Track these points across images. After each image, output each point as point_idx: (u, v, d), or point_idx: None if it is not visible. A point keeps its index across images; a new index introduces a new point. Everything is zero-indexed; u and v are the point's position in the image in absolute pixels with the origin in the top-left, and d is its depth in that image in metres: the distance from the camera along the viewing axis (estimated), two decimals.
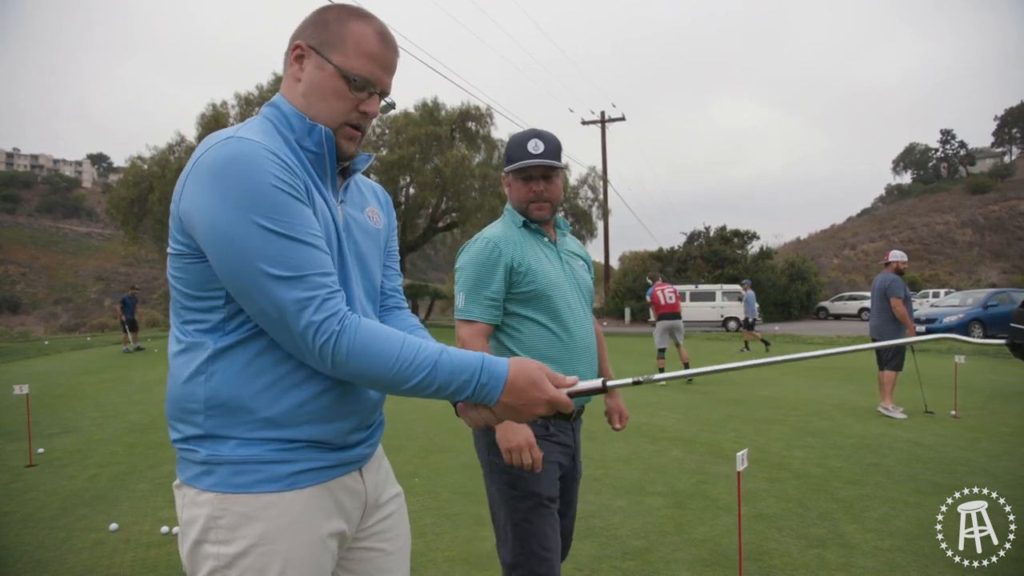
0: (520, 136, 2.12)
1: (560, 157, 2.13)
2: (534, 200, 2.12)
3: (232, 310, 1.17)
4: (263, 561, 1.15)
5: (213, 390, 1.17)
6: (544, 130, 2.14)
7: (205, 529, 1.16)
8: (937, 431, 6.19)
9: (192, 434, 1.19)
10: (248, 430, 1.17)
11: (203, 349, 1.18)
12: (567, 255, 2.23)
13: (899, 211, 70.00)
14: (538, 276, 2.08)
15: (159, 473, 5.07)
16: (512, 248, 2.08)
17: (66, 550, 3.56)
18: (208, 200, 1.09)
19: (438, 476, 4.84)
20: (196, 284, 1.17)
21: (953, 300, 20.49)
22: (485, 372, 1.16)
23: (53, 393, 9.55)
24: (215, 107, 24.69)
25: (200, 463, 1.18)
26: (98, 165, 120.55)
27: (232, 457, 1.16)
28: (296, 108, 1.24)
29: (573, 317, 2.11)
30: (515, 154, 2.11)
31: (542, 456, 1.90)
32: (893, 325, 6.95)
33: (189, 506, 1.19)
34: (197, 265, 1.15)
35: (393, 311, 1.48)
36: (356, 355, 1.11)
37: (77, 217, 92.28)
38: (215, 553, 1.15)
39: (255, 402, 1.16)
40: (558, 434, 2.11)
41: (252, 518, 1.15)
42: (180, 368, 1.21)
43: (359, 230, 1.34)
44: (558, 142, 2.13)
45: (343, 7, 1.27)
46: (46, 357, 16.76)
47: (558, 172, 2.15)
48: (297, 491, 1.18)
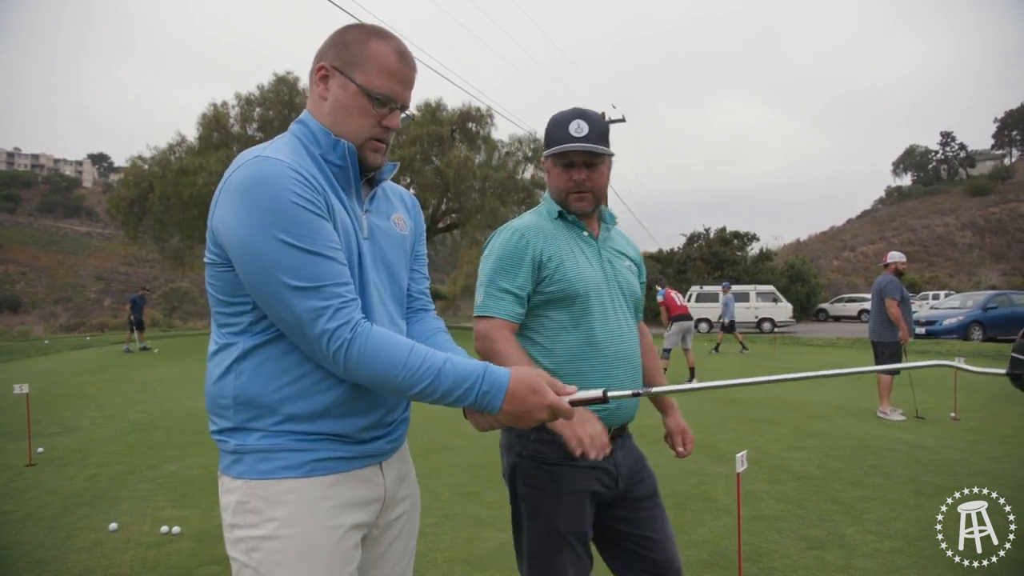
0: (562, 116, 1.85)
1: (607, 141, 1.85)
2: (574, 190, 1.85)
3: (259, 314, 1.26)
4: (286, 544, 1.23)
5: (241, 387, 1.26)
6: (590, 110, 1.86)
7: (236, 513, 1.26)
8: (937, 433, 6.19)
9: (225, 427, 1.29)
10: (272, 423, 1.26)
11: (234, 349, 1.28)
12: (611, 253, 1.95)
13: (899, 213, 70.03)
14: (569, 275, 1.83)
15: (159, 473, 5.07)
16: (542, 240, 1.84)
17: (66, 550, 3.56)
18: (235, 216, 1.19)
19: (438, 476, 4.84)
20: (228, 291, 1.27)
21: (953, 302, 20.50)
22: (487, 381, 1.23)
23: (53, 392, 9.55)
24: (216, 107, 24.70)
25: (231, 452, 1.28)
26: (98, 165, 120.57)
27: (257, 446, 1.26)
28: (323, 125, 1.32)
29: (608, 323, 1.85)
30: (555, 136, 1.84)
31: (602, 448, 1.56)
32: (890, 327, 6.97)
33: (225, 493, 1.30)
34: (228, 274, 1.25)
35: (419, 313, 1.55)
36: (366, 361, 1.19)
37: (77, 217, 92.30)
38: (245, 536, 1.25)
39: (277, 398, 1.25)
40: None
41: (275, 502, 1.24)
42: (215, 367, 1.31)
43: (384, 237, 1.41)
44: (605, 124, 1.85)
45: (362, 27, 1.34)
46: (46, 356, 16.76)
47: (604, 159, 1.86)
48: (316, 478, 1.26)
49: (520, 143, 27.27)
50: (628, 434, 1.96)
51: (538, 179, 27.38)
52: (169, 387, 10.05)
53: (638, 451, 1.97)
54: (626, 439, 1.93)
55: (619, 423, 1.87)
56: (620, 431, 1.89)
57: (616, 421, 1.86)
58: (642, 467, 1.93)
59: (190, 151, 24.22)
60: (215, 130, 24.28)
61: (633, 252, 2.06)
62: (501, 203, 25.35)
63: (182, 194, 21.65)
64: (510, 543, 3.58)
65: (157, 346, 18.57)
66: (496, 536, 3.69)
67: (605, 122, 1.86)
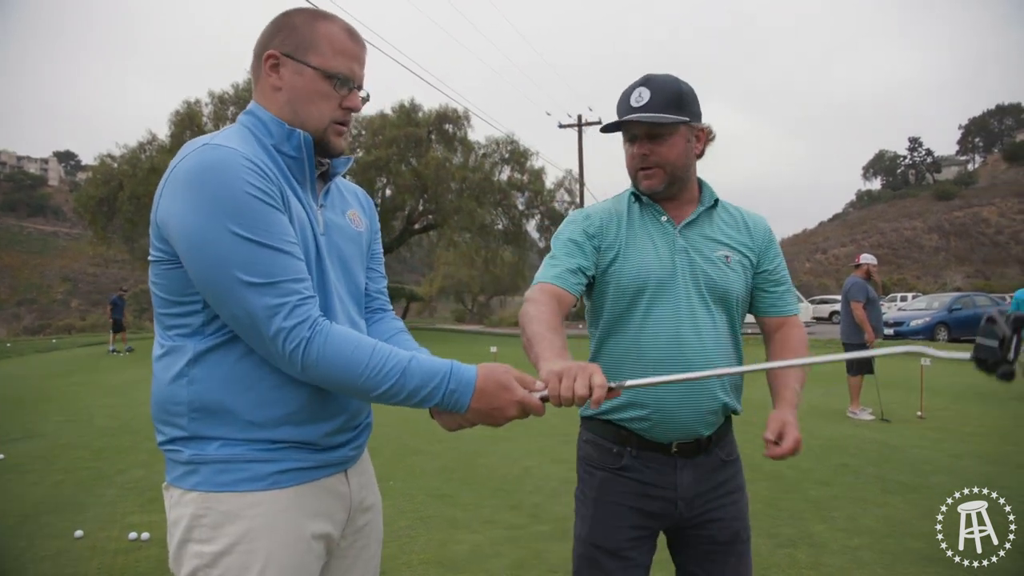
0: (627, 88, 1.64)
1: (681, 108, 1.58)
2: (640, 166, 1.63)
3: (210, 314, 1.18)
4: (244, 560, 1.16)
5: (195, 393, 1.18)
6: (661, 75, 1.62)
7: (189, 528, 1.17)
8: (904, 432, 6.33)
9: (177, 436, 1.20)
10: (232, 431, 1.18)
11: (184, 353, 1.19)
12: (697, 241, 1.64)
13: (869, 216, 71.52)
14: (627, 264, 1.62)
15: (128, 478, 4.97)
16: (607, 222, 1.66)
17: (26, 559, 3.47)
18: (183, 207, 1.11)
19: (413, 479, 4.81)
20: (175, 290, 1.18)
21: (920, 304, 21.10)
22: (454, 378, 1.17)
23: (15, 397, 9.31)
24: (189, 105, 24.29)
25: (185, 463, 1.19)
26: (65, 163, 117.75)
27: (216, 456, 1.17)
28: (275, 116, 1.25)
29: (669, 323, 1.59)
30: (617, 110, 1.64)
31: (601, 387, 1.19)
32: (856, 328, 7.12)
33: (175, 506, 1.21)
34: (175, 271, 1.17)
35: (378, 313, 1.50)
36: (326, 361, 1.13)
37: (43, 216, 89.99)
38: (198, 552, 1.17)
39: (237, 404, 1.18)
40: (641, 469, 1.60)
41: (235, 516, 1.16)
42: (163, 371, 1.22)
43: (340, 234, 1.35)
44: (677, 88, 1.59)
45: (304, 11, 1.29)
46: (8, 360, 16.31)
47: (676, 129, 1.59)
48: (279, 490, 1.19)
49: (497, 145, 27.28)
50: (713, 454, 1.64)
51: (515, 181, 27.41)
52: (138, 390, 9.85)
53: (731, 483, 1.65)
54: (701, 460, 1.62)
55: (677, 438, 1.59)
56: (688, 449, 1.60)
57: (669, 436, 1.59)
58: (725, 504, 1.64)
59: (161, 150, 23.76)
60: (188, 128, 23.88)
61: (742, 237, 1.69)
62: (478, 204, 25.29)
63: (153, 193, 21.28)
64: (485, 545, 3.60)
65: (121, 348, 18.22)
66: (471, 538, 3.68)
67: (676, 87, 1.60)
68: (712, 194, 1.70)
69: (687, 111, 1.60)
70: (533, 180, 27.34)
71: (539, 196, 27.38)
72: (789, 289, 1.74)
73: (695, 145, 1.65)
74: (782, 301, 1.71)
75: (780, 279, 1.72)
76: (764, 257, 1.70)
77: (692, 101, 1.62)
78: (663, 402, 1.58)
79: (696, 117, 1.63)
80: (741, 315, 1.69)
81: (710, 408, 1.60)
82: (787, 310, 1.71)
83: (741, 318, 1.70)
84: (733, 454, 1.70)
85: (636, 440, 1.61)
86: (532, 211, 27.77)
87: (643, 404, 1.58)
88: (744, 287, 1.67)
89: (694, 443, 1.60)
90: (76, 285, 66.40)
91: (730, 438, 1.72)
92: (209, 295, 1.14)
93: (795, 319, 1.73)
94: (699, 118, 1.65)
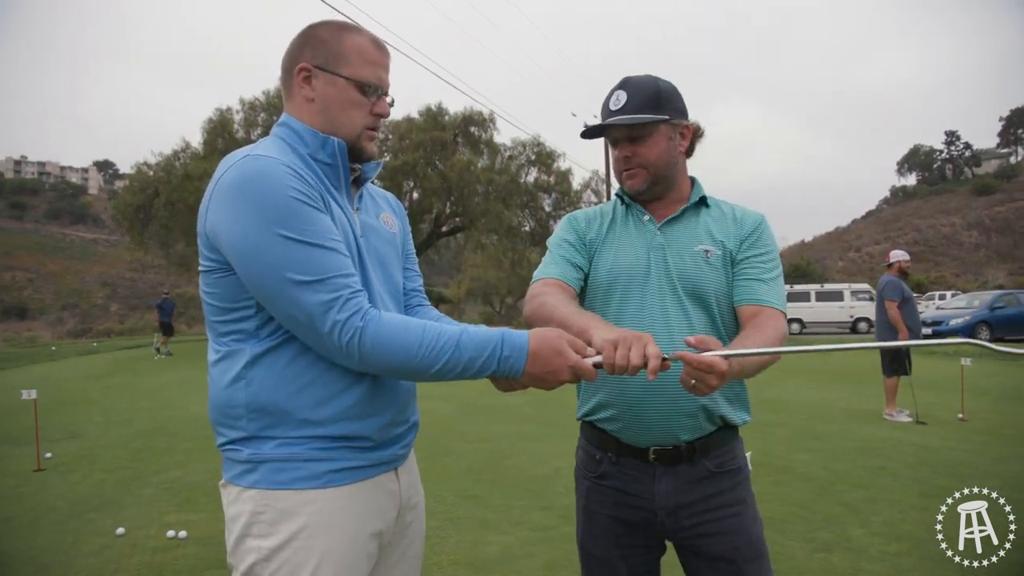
0: (609, 92, 1.63)
1: (660, 106, 1.56)
2: (623, 168, 1.62)
3: (264, 318, 1.23)
4: (301, 555, 1.20)
5: (253, 395, 1.22)
6: (638, 76, 1.61)
7: (248, 524, 1.22)
8: (944, 434, 6.16)
9: (237, 437, 1.25)
10: (288, 430, 1.22)
11: (240, 356, 1.24)
12: (677, 238, 1.61)
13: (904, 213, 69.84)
14: (600, 262, 1.65)
15: (164, 479, 5.09)
16: (591, 222, 1.70)
17: (73, 554, 3.58)
18: (232, 217, 1.17)
19: (443, 480, 4.84)
20: (228, 297, 1.24)
21: (959, 302, 20.39)
22: (507, 345, 1.21)
23: (60, 398, 9.59)
24: (221, 112, 24.80)
25: (243, 462, 1.24)
26: (104, 172, 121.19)
27: (273, 455, 1.22)
28: (308, 125, 1.31)
29: (637, 321, 1.56)
30: (601, 114, 1.65)
31: (656, 357, 1.21)
32: (891, 328, 6.92)
33: (233, 503, 1.25)
34: (227, 279, 1.22)
35: (416, 309, 1.54)
36: (381, 347, 1.17)
37: (83, 223, 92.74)
38: (256, 547, 1.21)
39: (292, 403, 1.22)
40: (619, 477, 1.59)
41: (292, 513, 1.21)
42: (220, 375, 1.27)
43: (376, 236, 1.40)
44: (655, 88, 1.58)
45: (329, 24, 1.34)
46: (53, 362, 16.84)
47: (655, 128, 1.56)
48: (335, 488, 1.24)
49: (524, 147, 27.32)
50: (699, 464, 1.56)
51: (541, 182, 27.41)
52: (173, 393, 10.08)
53: (725, 496, 1.57)
54: (683, 469, 1.55)
55: (652, 442, 1.55)
56: (667, 456, 1.55)
57: (643, 439, 1.55)
58: (720, 518, 1.55)
59: (194, 157, 24.31)
60: (220, 135, 24.37)
61: (728, 230, 1.62)
62: (505, 206, 25.36)
63: (188, 199, 21.74)
64: (516, 546, 3.60)
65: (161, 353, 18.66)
66: (501, 539, 3.69)
67: (655, 86, 1.58)
68: (699, 191, 1.67)
69: (666, 109, 1.58)
70: (560, 181, 27.33)
71: (566, 197, 27.34)
72: (771, 282, 1.58)
73: (679, 143, 1.63)
74: (759, 291, 1.56)
75: (761, 271, 1.58)
76: (744, 244, 1.61)
77: (672, 98, 1.60)
78: (627, 398, 1.54)
79: (678, 114, 1.60)
80: (726, 313, 1.61)
81: (685, 410, 1.52)
82: (764, 300, 1.55)
83: (729, 317, 1.61)
84: (728, 465, 1.59)
85: (615, 444, 1.60)
86: (559, 212, 27.75)
87: (612, 403, 1.58)
88: (723, 282, 1.59)
89: (673, 450, 1.55)
90: (115, 290, 68.25)
91: (726, 449, 1.60)
92: (263, 298, 1.19)
93: (772, 311, 1.54)
94: (682, 115, 1.62)
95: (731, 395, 1.61)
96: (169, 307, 18.16)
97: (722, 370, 1.24)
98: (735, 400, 1.62)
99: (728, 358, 1.26)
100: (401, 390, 1.35)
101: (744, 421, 1.64)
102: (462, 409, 7.86)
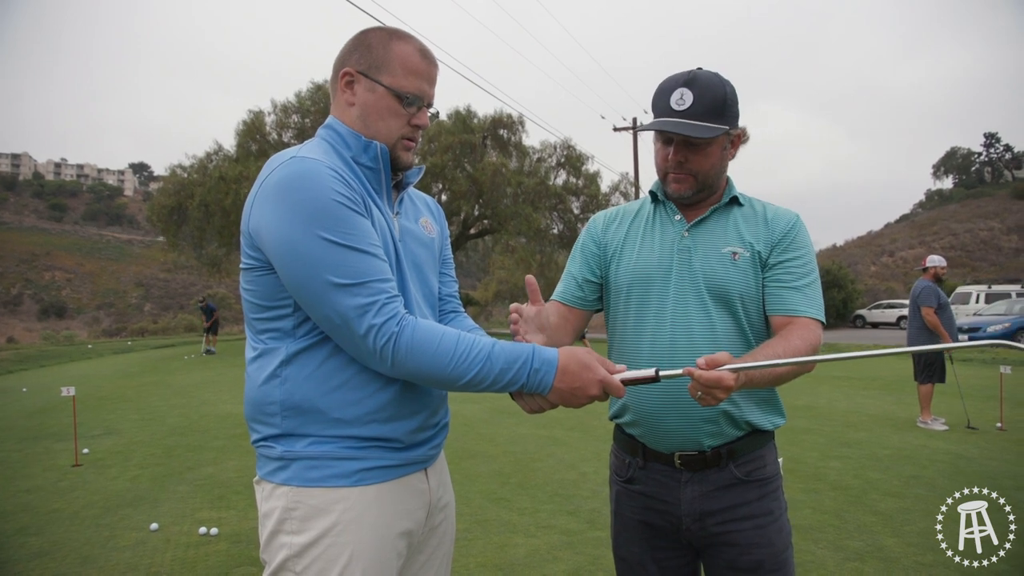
0: (668, 83, 1.52)
1: (723, 115, 1.48)
2: (672, 170, 1.54)
3: (300, 317, 1.25)
4: (332, 552, 1.22)
5: (288, 393, 1.24)
6: (705, 73, 1.51)
7: (280, 520, 1.24)
8: (981, 444, 6.00)
9: (271, 433, 1.27)
10: (321, 428, 1.24)
11: (276, 354, 1.26)
12: (704, 239, 1.56)
13: (940, 217, 68.07)
14: (620, 264, 1.62)
15: (197, 475, 5.19)
16: (611, 223, 1.68)
17: (110, 548, 3.68)
18: (275, 217, 1.19)
19: (469, 482, 4.86)
20: (267, 295, 1.26)
21: (999, 308, 19.80)
22: (537, 358, 1.22)
23: (96, 395, 9.85)
24: (254, 114, 25.21)
25: (276, 459, 1.26)
26: (139, 174, 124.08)
27: (306, 453, 1.24)
28: (351, 128, 1.32)
29: (656, 322, 1.54)
30: (655, 107, 1.53)
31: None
32: (926, 335, 6.73)
33: (267, 499, 1.27)
34: (267, 277, 1.24)
35: (450, 315, 1.55)
36: (415, 354, 1.18)
37: (119, 224, 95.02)
38: (288, 543, 1.23)
39: (325, 403, 1.24)
40: (647, 481, 1.59)
41: (324, 510, 1.23)
42: (256, 372, 1.29)
43: (414, 240, 1.41)
44: (722, 93, 1.49)
45: (382, 30, 1.35)
46: (89, 360, 17.29)
47: (713, 139, 1.49)
48: (365, 487, 1.25)
49: (554, 149, 27.31)
50: (727, 470, 1.52)
51: (570, 185, 27.34)
52: (205, 391, 10.28)
53: (752, 507, 1.53)
54: (711, 475, 1.52)
55: (676, 448, 1.53)
56: (693, 462, 1.53)
57: (667, 445, 1.54)
58: (745, 529, 1.51)
59: (227, 159, 24.74)
60: (252, 138, 24.78)
61: (758, 232, 1.56)
62: (533, 209, 25.35)
63: (222, 201, 22.15)
64: (542, 550, 3.60)
65: (193, 351, 19.02)
66: (528, 543, 3.69)
67: (722, 90, 1.49)
68: (731, 191, 1.61)
69: (728, 117, 1.50)
70: (589, 184, 27.24)
71: (595, 200, 27.25)
72: (805, 289, 1.52)
73: (730, 151, 1.59)
74: (791, 300, 1.51)
75: (794, 276, 1.52)
76: (776, 249, 1.54)
77: (734, 104, 1.52)
78: (645, 406, 1.54)
79: (735, 121, 1.54)
80: (753, 315, 1.55)
81: (704, 416, 1.49)
82: (796, 309, 1.49)
83: (756, 319, 1.56)
84: (756, 475, 1.54)
85: (642, 449, 1.60)
86: (587, 215, 27.68)
87: (632, 408, 1.59)
88: (751, 285, 1.53)
89: (698, 456, 1.52)
90: (149, 290, 69.76)
91: (755, 455, 1.55)
92: (301, 298, 1.20)
93: (805, 320, 1.48)
94: (737, 121, 1.55)
95: (760, 399, 1.57)
96: (212, 308, 18.58)
97: (729, 384, 1.23)
98: (764, 404, 1.57)
99: (737, 371, 1.25)
100: (433, 393, 1.36)
101: (776, 425, 1.60)
102: (490, 412, 7.87)
